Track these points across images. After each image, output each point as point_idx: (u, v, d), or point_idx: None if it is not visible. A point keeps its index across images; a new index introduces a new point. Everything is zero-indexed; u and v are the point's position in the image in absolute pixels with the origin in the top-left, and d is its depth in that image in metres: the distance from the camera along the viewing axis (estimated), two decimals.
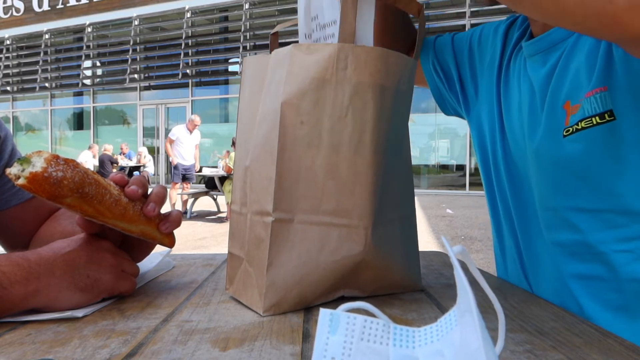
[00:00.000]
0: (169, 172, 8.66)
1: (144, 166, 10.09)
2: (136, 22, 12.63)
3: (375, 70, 0.52)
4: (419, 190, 10.48)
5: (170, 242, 0.62)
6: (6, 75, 14.16)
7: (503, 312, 0.28)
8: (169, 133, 7.34)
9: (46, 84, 13.79)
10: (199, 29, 12.29)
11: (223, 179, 6.88)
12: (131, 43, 12.63)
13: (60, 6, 13.40)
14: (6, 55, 14.09)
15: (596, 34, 0.47)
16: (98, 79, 13.57)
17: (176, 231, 0.62)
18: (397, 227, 0.58)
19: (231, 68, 12.72)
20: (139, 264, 0.64)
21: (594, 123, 0.57)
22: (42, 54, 13.57)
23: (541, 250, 0.68)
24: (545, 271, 0.68)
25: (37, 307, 0.50)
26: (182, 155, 7.20)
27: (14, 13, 14.00)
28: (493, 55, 0.78)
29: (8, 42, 14.05)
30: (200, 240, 5.25)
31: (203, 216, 7.33)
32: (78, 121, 14.40)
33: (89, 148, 10.72)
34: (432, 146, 11.26)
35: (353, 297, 0.57)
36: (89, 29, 13.15)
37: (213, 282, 0.67)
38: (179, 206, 7.26)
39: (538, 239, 0.68)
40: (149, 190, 0.61)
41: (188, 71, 12.22)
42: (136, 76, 12.84)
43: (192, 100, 12.53)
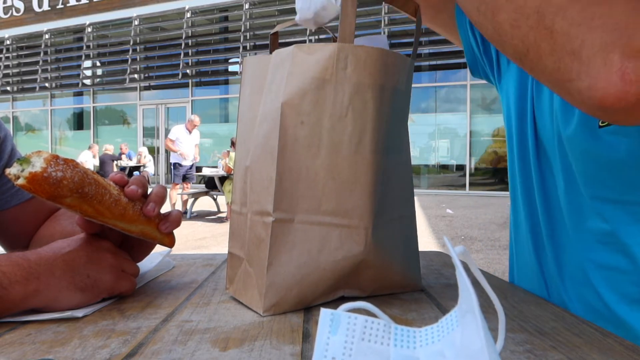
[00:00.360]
0: (169, 172, 8.66)
1: (144, 166, 10.10)
2: (136, 22, 12.63)
3: (375, 70, 0.52)
4: (419, 190, 10.48)
5: (170, 242, 0.62)
6: (6, 75, 14.16)
7: (504, 313, 0.28)
8: (169, 134, 7.34)
9: (46, 84, 13.79)
10: (199, 29, 12.29)
11: (223, 179, 6.88)
12: (131, 43, 12.63)
13: (60, 6, 13.40)
14: (6, 55, 14.09)
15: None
16: (98, 79, 13.57)
17: (176, 231, 0.62)
18: (397, 227, 0.58)
19: (231, 68, 12.72)
20: (139, 264, 0.64)
21: None
22: (42, 54, 13.57)
23: (561, 235, 0.67)
24: (564, 257, 0.67)
25: (37, 307, 0.50)
26: (184, 152, 7.20)
27: (14, 13, 14.00)
28: None
29: (8, 42, 14.05)
30: (200, 240, 5.25)
31: (203, 216, 7.33)
32: (78, 121, 14.40)
33: (89, 148, 10.72)
34: (432, 146, 11.25)
35: (353, 297, 0.57)
36: (89, 29, 13.15)
37: (213, 282, 0.67)
38: (179, 206, 7.26)
39: (559, 224, 0.67)
40: (149, 190, 0.61)
41: (188, 71, 12.22)
42: (136, 76, 12.84)
43: (192, 100, 12.53)
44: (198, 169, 7.69)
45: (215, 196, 7.42)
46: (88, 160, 10.15)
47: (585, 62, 0.40)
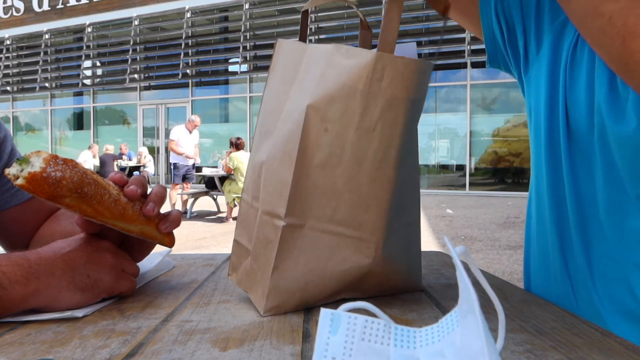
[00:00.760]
0: (169, 172, 8.66)
1: (144, 166, 10.10)
2: (136, 22, 12.63)
3: (410, 84, 0.48)
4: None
5: (170, 242, 0.62)
6: (6, 75, 14.16)
7: (504, 312, 0.28)
8: (170, 135, 7.34)
9: (46, 84, 13.79)
10: (199, 29, 12.29)
11: (223, 179, 6.88)
12: (131, 43, 12.63)
13: (60, 6, 13.40)
14: (6, 55, 14.09)
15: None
16: (98, 79, 13.57)
17: (176, 231, 0.62)
18: (404, 234, 0.57)
19: (231, 68, 12.71)
20: (139, 264, 0.64)
21: None
22: (42, 54, 13.57)
23: (593, 231, 0.64)
24: (595, 255, 0.64)
25: (37, 307, 0.50)
26: (182, 156, 7.20)
27: (14, 13, 14.00)
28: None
29: (8, 42, 14.05)
30: (200, 240, 5.25)
31: (203, 216, 7.33)
32: (78, 121, 14.40)
33: (89, 148, 10.72)
34: (432, 146, 11.25)
35: (353, 298, 0.57)
36: (89, 29, 13.15)
37: (213, 282, 0.67)
38: (179, 206, 7.26)
39: (591, 219, 0.64)
40: (149, 190, 0.61)
41: (188, 71, 12.22)
42: (136, 76, 12.84)
43: (192, 100, 12.53)
44: (198, 169, 7.69)
45: (215, 196, 7.42)
46: (88, 160, 10.15)
47: None
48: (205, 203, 8.12)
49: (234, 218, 6.44)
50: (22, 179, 0.47)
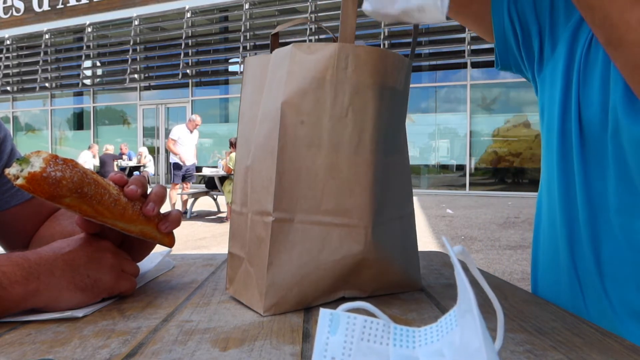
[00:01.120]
0: (169, 173, 8.67)
1: (144, 166, 10.10)
2: (136, 22, 12.63)
3: (375, 70, 0.52)
4: (419, 190, 10.48)
5: (170, 242, 0.62)
6: (6, 75, 14.16)
7: (502, 312, 0.28)
8: (170, 134, 7.34)
9: (46, 84, 13.79)
10: (199, 29, 12.29)
11: (223, 179, 6.88)
12: (131, 43, 12.63)
13: (60, 6, 13.40)
14: (6, 55, 14.09)
15: None
16: (98, 79, 13.57)
17: (176, 231, 0.62)
18: (397, 226, 0.58)
19: (231, 68, 12.72)
20: (139, 264, 0.64)
21: None
22: (42, 54, 13.57)
23: (602, 231, 0.64)
24: (605, 255, 0.64)
25: (37, 307, 0.50)
26: (183, 155, 7.19)
27: (14, 13, 14.00)
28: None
29: (8, 42, 14.05)
30: (200, 240, 5.25)
31: (203, 216, 7.33)
32: (78, 121, 14.40)
33: (89, 148, 10.72)
34: (432, 146, 11.25)
35: (353, 298, 0.57)
36: (89, 29, 13.15)
37: (213, 282, 0.67)
38: (179, 206, 7.26)
39: (602, 219, 0.64)
40: (149, 190, 0.61)
41: (188, 71, 12.22)
42: (136, 76, 12.84)
43: (192, 100, 12.53)
44: (198, 169, 7.69)
45: (215, 196, 7.42)
46: (88, 160, 10.15)
47: None
48: (205, 203, 8.12)
49: None
50: (22, 179, 0.47)
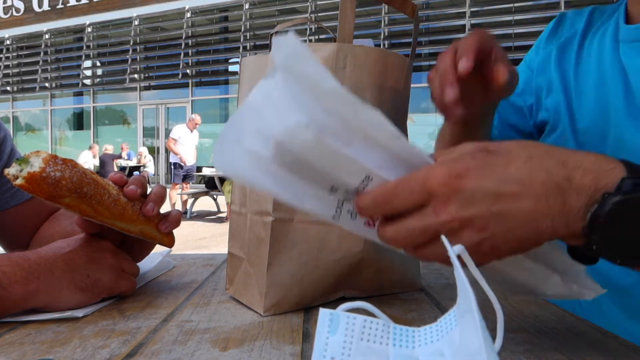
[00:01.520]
0: (169, 173, 8.67)
1: (144, 166, 10.10)
2: (136, 22, 12.63)
3: (374, 70, 0.52)
4: None
5: (169, 242, 0.62)
6: (6, 75, 14.16)
7: (502, 312, 0.28)
8: (170, 133, 7.33)
9: (46, 84, 13.78)
10: (199, 29, 12.28)
11: (223, 179, 6.88)
12: (131, 43, 12.62)
13: (60, 6, 13.39)
14: (6, 55, 14.09)
15: None
16: (98, 79, 13.56)
17: (176, 231, 0.62)
18: None
19: (231, 68, 12.71)
20: (139, 264, 0.64)
21: None
22: (42, 54, 13.56)
23: None
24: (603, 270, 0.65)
25: (37, 307, 0.50)
26: (184, 156, 7.19)
27: (14, 13, 13.99)
28: (572, 35, 0.73)
29: (8, 42, 14.04)
30: (200, 240, 5.25)
31: (203, 216, 7.32)
32: (78, 121, 14.39)
33: (90, 148, 10.72)
34: (432, 146, 11.24)
35: (353, 298, 0.57)
36: (89, 29, 13.15)
37: (213, 282, 0.67)
38: (179, 206, 7.26)
39: None
40: (148, 190, 0.61)
41: (188, 71, 12.21)
42: (136, 76, 12.83)
43: (192, 100, 12.52)
44: (198, 169, 7.68)
45: (215, 196, 7.41)
46: (88, 160, 10.14)
47: None
48: (205, 203, 8.11)
49: None
50: (22, 179, 0.47)
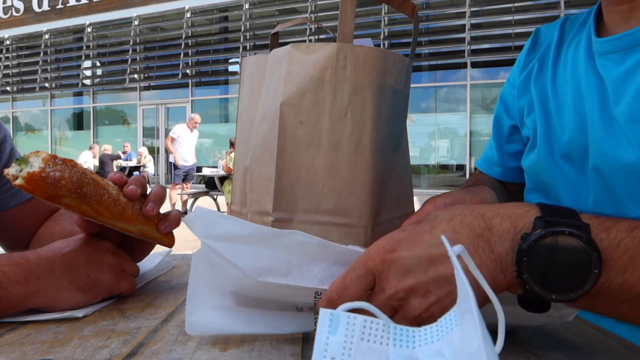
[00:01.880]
0: (169, 173, 8.66)
1: (144, 166, 10.09)
2: (136, 22, 12.62)
3: (374, 70, 0.52)
4: (419, 190, 10.47)
5: (169, 242, 0.62)
6: (6, 75, 14.15)
7: (502, 312, 0.28)
8: (170, 131, 7.32)
9: (46, 84, 13.77)
10: (199, 29, 12.28)
11: (223, 179, 6.88)
12: (131, 43, 12.62)
13: (60, 6, 13.39)
14: (6, 55, 14.08)
15: None
16: (98, 79, 13.56)
17: (176, 231, 0.62)
18: (397, 226, 0.58)
19: (231, 68, 12.71)
20: (139, 264, 0.64)
21: None
22: (42, 54, 13.55)
23: None
24: None
25: (37, 307, 0.50)
26: (184, 156, 7.18)
27: (14, 13, 13.99)
28: (547, 49, 0.74)
29: (8, 42, 14.04)
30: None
31: None
32: (78, 121, 14.38)
33: (90, 148, 10.72)
34: (432, 146, 11.25)
35: None
36: (89, 29, 13.14)
37: None
38: (179, 206, 7.26)
39: None
40: (148, 190, 0.61)
41: (188, 71, 12.21)
42: (136, 76, 12.83)
43: (192, 100, 12.52)
44: (198, 169, 7.68)
45: (215, 196, 7.41)
46: (88, 160, 10.14)
47: None
48: (205, 203, 8.11)
49: None
50: (21, 179, 0.47)
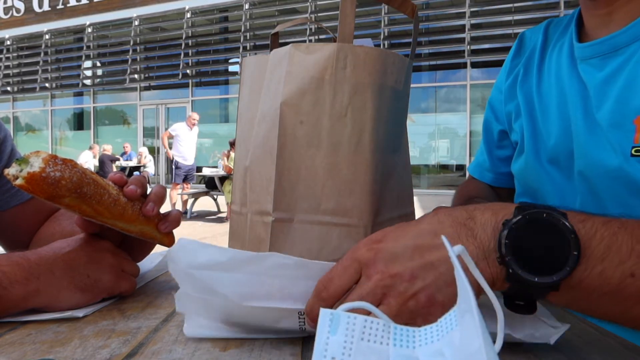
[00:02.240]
0: (170, 173, 8.66)
1: (145, 166, 10.09)
2: (136, 22, 12.63)
3: (374, 70, 0.52)
4: (419, 190, 10.47)
5: (169, 242, 0.62)
6: (6, 75, 14.16)
7: (502, 312, 0.28)
8: (169, 128, 7.30)
9: (46, 84, 13.78)
10: (199, 29, 12.28)
11: (223, 179, 6.88)
12: (131, 43, 12.62)
13: (60, 6, 13.40)
14: (6, 55, 14.09)
15: None
16: (98, 79, 13.56)
17: (176, 231, 0.62)
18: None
19: (231, 68, 12.71)
20: (139, 264, 0.64)
21: None
22: (43, 54, 13.56)
23: None
24: None
25: (38, 307, 0.50)
26: (184, 155, 7.17)
27: (14, 13, 13.99)
28: (531, 53, 0.75)
29: (8, 43, 14.04)
30: (200, 240, 5.24)
31: (203, 216, 7.32)
32: (78, 121, 14.39)
33: (90, 148, 10.72)
34: (432, 146, 11.25)
35: None
36: (89, 29, 13.15)
37: None
38: (179, 206, 7.26)
39: None
40: (148, 190, 0.61)
41: (188, 71, 12.21)
42: (136, 76, 12.83)
43: (192, 100, 12.52)
44: (198, 169, 7.68)
45: (215, 196, 7.41)
46: (89, 160, 10.14)
47: None
48: (205, 203, 8.11)
49: None
50: (22, 179, 0.47)
